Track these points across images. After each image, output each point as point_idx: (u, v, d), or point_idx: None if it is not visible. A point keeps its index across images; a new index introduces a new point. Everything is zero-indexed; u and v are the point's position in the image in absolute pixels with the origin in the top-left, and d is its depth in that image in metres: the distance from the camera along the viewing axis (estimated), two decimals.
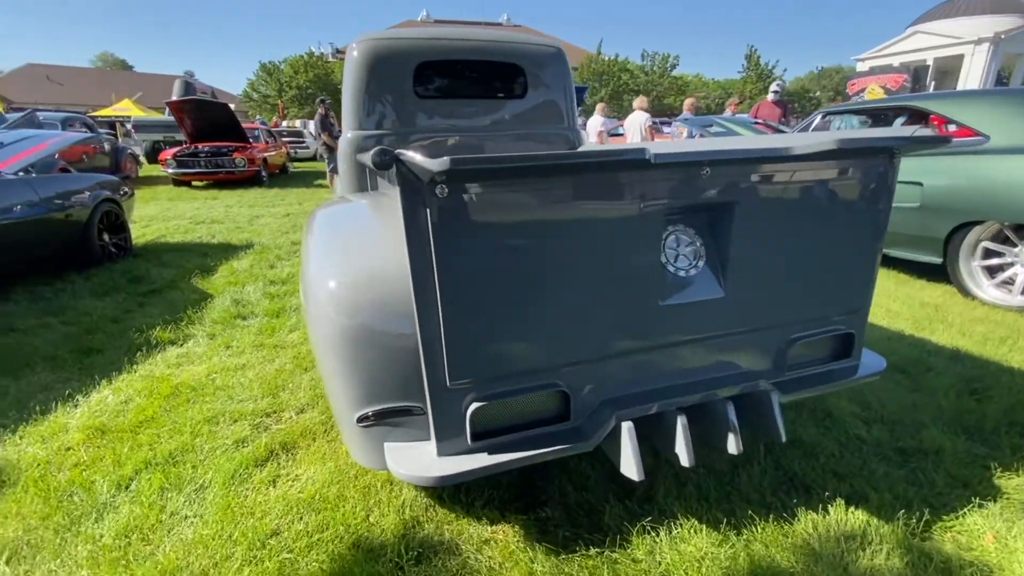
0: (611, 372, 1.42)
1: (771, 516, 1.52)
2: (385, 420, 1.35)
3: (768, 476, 1.70)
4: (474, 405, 1.28)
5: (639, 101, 8.15)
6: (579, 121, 3.96)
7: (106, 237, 4.54)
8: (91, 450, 1.90)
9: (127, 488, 1.69)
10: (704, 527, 1.49)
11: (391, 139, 2.50)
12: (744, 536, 1.47)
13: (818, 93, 46.77)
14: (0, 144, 4.31)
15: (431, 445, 1.31)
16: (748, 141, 2.33)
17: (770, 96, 8.05)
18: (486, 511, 1.58)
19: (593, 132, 9.51)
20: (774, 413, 1.46)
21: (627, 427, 1.35)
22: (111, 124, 18.49)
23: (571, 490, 1.63)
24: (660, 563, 1.39)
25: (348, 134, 2.50)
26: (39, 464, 1.81)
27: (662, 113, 40.66)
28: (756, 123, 7.14)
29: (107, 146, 11.27)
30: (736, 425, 1.43)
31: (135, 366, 2.57)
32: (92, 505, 1.61)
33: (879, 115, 4.59)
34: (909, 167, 3.31)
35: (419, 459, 1.32)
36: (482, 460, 1.30)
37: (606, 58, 40.65)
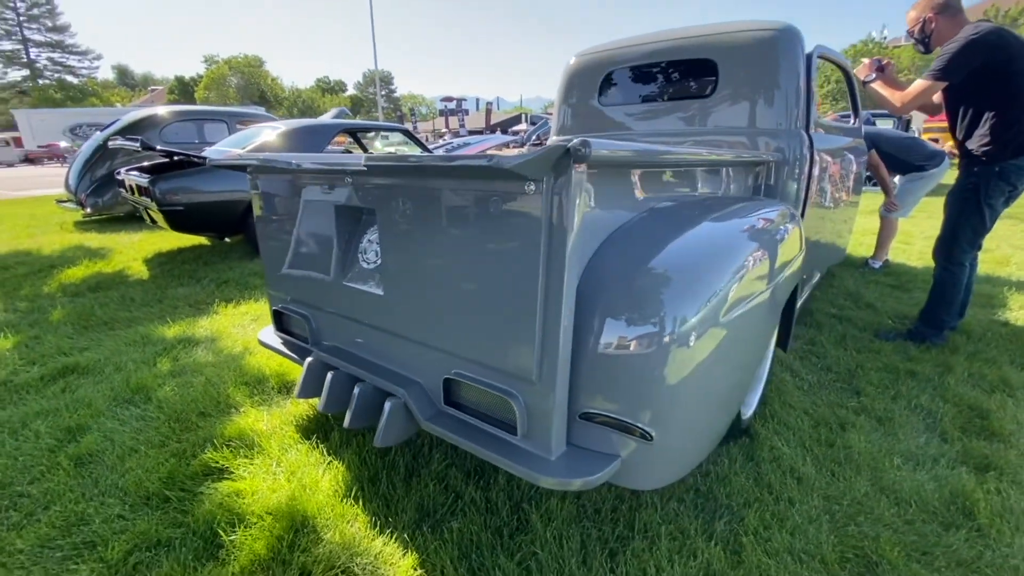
0: (330, 323, 1.78)
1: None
2: None
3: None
4: (276, 307, 2.00)
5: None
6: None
7: None
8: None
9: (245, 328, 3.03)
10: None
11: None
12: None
13: None
14: (468, 144, 7.35)
15: None
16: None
17: None
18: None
19: None
20: (380, 415, 1.45)
21: (308, 361, 1.75)
22: None
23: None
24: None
25: (552, 138, 2.95)
26: (246, 312, 3.40)
27: None
28: None
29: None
30: (386, 420, 1.43)
31: None
32: (236, 327, 3.02)
33: None
34: None
35: (270, 329, 2.09)
36: (276, 343, 2.01)
37: None
